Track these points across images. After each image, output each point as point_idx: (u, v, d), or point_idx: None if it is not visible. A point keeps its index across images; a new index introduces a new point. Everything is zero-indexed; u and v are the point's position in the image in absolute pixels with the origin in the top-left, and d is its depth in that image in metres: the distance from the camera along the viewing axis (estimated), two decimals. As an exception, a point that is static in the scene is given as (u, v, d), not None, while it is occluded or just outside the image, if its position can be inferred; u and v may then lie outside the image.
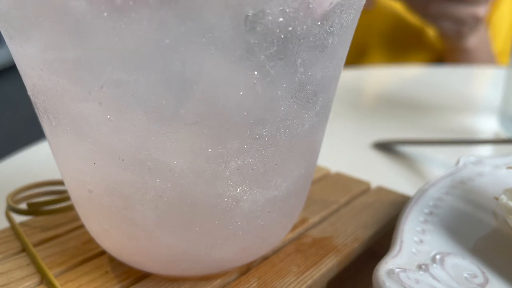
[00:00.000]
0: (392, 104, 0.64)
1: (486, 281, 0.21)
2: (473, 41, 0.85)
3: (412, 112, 0.61)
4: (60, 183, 0.30)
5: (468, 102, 0.67)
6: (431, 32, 0.92)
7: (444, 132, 0.53)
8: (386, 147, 0.47)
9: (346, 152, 0.47)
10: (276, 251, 0.24)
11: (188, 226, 0.19)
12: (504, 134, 0.53)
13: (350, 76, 0.78)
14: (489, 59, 0.91)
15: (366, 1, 0.19)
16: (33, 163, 0.40)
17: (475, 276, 0.21)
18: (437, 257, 0.22)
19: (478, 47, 0.88)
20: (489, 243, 0.25)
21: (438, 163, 0.44)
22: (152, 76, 0.15)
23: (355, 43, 0.95)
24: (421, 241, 0.23)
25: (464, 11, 0.77)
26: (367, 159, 0.45)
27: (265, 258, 0.24)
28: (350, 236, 0.26)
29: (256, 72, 0.16)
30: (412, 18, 0.91)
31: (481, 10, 0.77)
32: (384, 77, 0.83)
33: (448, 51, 0.91)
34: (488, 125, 0.56)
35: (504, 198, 0.23)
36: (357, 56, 0.98)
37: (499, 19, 0.98)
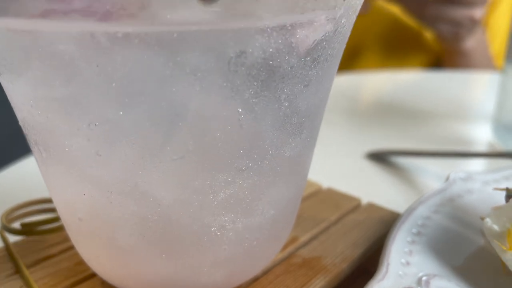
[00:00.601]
0: (387, 111, 0.65)
1: (470, 304, 0.21)
2: (470, 43, 0.85)
3: (407, 120, 0.61)
4: (54, 201, 0.30)
5: (464, 108, 0.68)
6: (428, 34, 0.93)
7: (439, 141, 0.53)
8: (379, 158, 0.48)
9: (339, 163, 0.47)
10: (265, 272, 0.25)
11: (176, 253, 0.19)
12: (497, 144, 0.53)
13: (343, 82, 0.78)
14: (487, 62, 0.92)
15: (362, 5, 0.19)
16: (28, 177, 0.40)
17: (460, 300, 0.22)
18: (423, 279, 0.23)
19: (476, 50, 0.88)
20: (476, 262, 0.25)
21: (432, 174, 0.44)
22: (139, 115, 0.16)
23: (351, 46, 0.95)
24: (408, 263, 0.24)
25: (461, 13, 0.77)
26: (360, 171, 0.46)
27: (254, 280, 0.24)
28: (339, 255, 0.26)
29: (240, 109, 0.16)
30: (409, 20, 0.91)
31: (477, 12, 0.78)
32: (378, 82, 0.83)
33: (446, 54, 0.92)
34: (483, 134, 0.57)
35: (488, 221, 0.23)
36: (353, 59, 0.98)
37: (497, 22, 0.98)
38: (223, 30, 0.14)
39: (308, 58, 0.17)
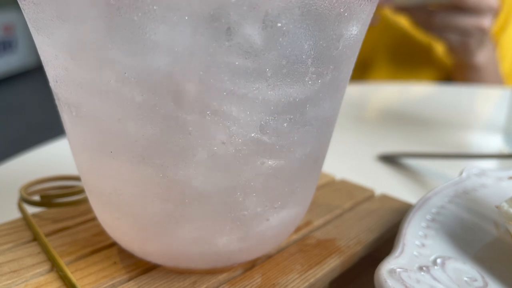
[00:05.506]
0: (398, 119, 0.65)
1: (486, 284, 0.21)
2: (481, 58, 0.85)
3: (418, 127, 0.62)
4: (72, 178, 0.30)
5: (474, 120, 0.68)
6: (439, 49, 0.93)
7: (448, 147, 0.53)
8: (390, 160, 0.48)
9: (351, 163, 0.47)
10: (280, 251, 0.25)
11: (197, 219, 0.20)
12: (508, 151, 0.53)
13: (355, 91, 0.79)
14: (497, 80, 0.91)
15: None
16: (47, 160, 0.41)
17: (475, 280, 0.22)
18: (438, 260, 0.23)
19: (487, 66, 0.87)
20: (490, 251, 0.25)
21: (442, 176, 0.44)
22: (174, 70, 0.16)
23: (361, 57, 0.96)
24: (423, 245, 0.24)
25: (469, 22, 0.76)
26: (372, 170, 0.46)
27: (269, 257, 0.24)
28: (353, 239, 0.26)
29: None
30: (419, 34, 0.92)
31: (485, 21, 0.77)
32: (390, 93, 0.83)
33: (456, 68, 0.92)
34: (493, 142, 0.57)
35: (505, 206, 0.24)
36: (363, 71, 0.99)
37: (507, 41, 0.99)
38: None
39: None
